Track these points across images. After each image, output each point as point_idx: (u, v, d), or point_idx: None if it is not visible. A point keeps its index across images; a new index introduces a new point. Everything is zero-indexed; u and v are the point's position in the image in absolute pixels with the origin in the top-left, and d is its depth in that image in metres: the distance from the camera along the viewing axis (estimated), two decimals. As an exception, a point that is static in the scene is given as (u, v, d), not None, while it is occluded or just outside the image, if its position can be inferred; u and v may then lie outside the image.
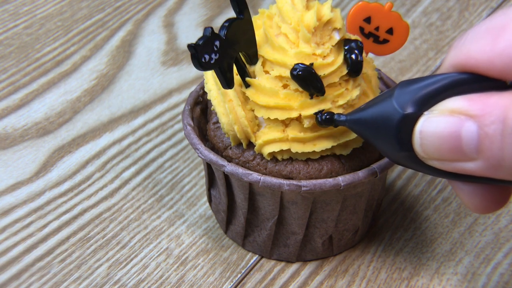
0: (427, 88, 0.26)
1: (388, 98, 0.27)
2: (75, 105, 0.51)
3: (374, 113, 0.28)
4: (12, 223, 0.42)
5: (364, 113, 0.29)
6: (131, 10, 0.62)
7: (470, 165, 0.25)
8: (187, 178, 0.45)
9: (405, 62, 0.56)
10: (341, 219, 0.38)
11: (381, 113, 0.27)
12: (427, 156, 0.26)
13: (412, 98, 0.26)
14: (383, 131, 0.27)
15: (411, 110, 0.26)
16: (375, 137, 0.28)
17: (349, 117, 0.31)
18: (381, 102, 0.27)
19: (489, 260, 0.40)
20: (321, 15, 0.33)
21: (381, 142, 0.28)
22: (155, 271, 0.39)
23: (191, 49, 0.29)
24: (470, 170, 0.25)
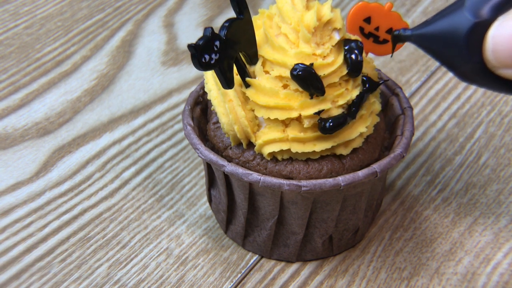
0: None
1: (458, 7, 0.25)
2: (75, 105, 0.51)
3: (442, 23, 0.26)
4: (12, 223, 0.42)
5: (432, 25, 0.27)
6: (131, 10, 0.62)
7: None
8: (187, 178, 0.46)
9: (405, 62, 0.56)
10: (341, 219, 0.38)
11: (450, 22, 0.26)
12: (499, 64, 0.24)
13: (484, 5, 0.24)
14: (452, 42, 0.26)
15: (484, 16, 0.24)
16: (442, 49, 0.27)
17: (415, 31, 0.29)
18: (451, 11, 0.26)
19: (489, 260, 0.40)
20: (321, 15, 0.34)
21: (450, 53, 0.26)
22: (155, 271, 0.39)
23: (191, 49, 0.29)
24: None
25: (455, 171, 0.46)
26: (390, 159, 0.35)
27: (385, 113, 0.41)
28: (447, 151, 0.47)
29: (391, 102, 0.40)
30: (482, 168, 0.46)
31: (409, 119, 0.38)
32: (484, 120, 0.50)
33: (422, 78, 0.54)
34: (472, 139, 0.48)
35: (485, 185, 0.44)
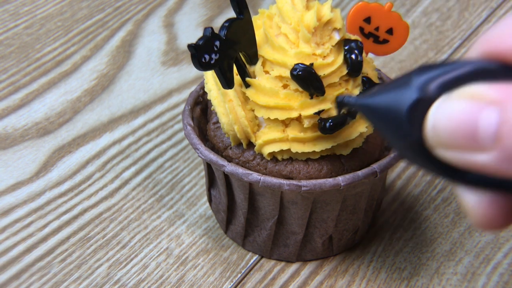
0: (449, 74, 0.24)
1: (405, 80, 0.25)
2: (75, 105, 0.51)
3: (387, 95, 0.26)
4: (12, 223, 0.42)
5: (377, 96, 0.27)
6: (131, 10, 0.62)
7: (483, 157, 0.23)
8: (187, 178, 0.46)
9: (405, 62, 0.56)
10: (341, 219, 0.38)
11: (395, 95, 0.25)
12: (437, 142, 0.24)
13: (431, 82, 0.24)
14: (394, 115, 0.25)
15: (429, 93, 0.24)
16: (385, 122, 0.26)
17: (359, 100, 0.28)
18: (397, 84, 0.26)
19: (489, 260, 0.40)
20: (321, 15, 0.34)
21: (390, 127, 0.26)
22: (155, 271, 0.39)
23: (191, 49, 0.29)
24: (481, 163, 0.23)
25: (455, 171, 0.45)
26: (390, 159, 0.35)
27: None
28: (447, 151, 0.47)
29: (391, 102, 0.40)
30: (482, 168, 0.46)
31: (409, 119, 0.38)
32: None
33: (422, 78, 0.54)
34: (472, 139, 0.48)
35: (485, 185, 0.44)
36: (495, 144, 0.22)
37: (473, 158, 0.23)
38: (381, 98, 0.26)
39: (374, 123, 0.28)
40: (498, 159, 0.22)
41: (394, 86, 0.26)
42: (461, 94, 0.24)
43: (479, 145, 0.23)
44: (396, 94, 0.25)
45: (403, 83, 0.25)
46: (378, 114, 0.27)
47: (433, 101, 0.24)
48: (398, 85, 0.26)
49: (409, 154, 0.26)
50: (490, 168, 0.23)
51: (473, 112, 0.23)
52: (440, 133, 0.24)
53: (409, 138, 0.25)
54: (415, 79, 0.25)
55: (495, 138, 0.22)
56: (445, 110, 0.24)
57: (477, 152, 0.23)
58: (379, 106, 0.27)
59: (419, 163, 0.26)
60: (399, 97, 0.25)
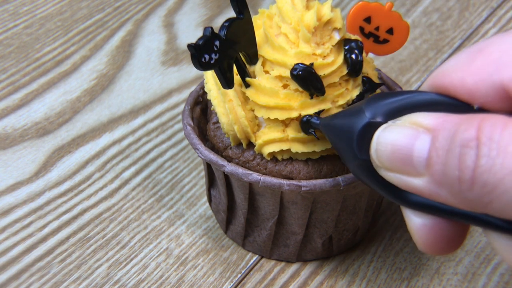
0: (398, 102, 0.26)
1: (359, 107, 0.28)
2: (75, 105, 0.51)
3: (343, 119, 0.29)
4: (12, 223, 0.42)
5: (335, 118, 0.30)
6: (131, 10, 0.62)
7: (417, 181, 0.24)
8: (187, 178, 0.45)
9: (405, 62, 0.56)
10: (341, 219, 0.38)
11: (349, 119, 0.28)
12: (380, 164, 0.26)
13: (381, 109, 0.26)
14: (348, 136, 0.28)
15: (378, 119, 0.26)
16: (340, 142, 0.29)
17: (322, 121, 0.32)
18: (353, 109, 0.28)
19: (489, 260, 0.40)
20: (321, 15, 0.33)
21: (344, 148, 0.28)
22: (155, 271, 0.39)
23: (191, 49, 0.29)
24: (416, 186, 0.24)
25: (455, 171, 0.45)
26: (390, 159, 0.35)
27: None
28: (447, 151, 0.47)
29: (391, 102, 0.40)
30: (482, 168, 0.46)
31: (409, 119, 0.38)
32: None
33: (422, 78, 0.54)
34: (472, 139, 0.48)
35: (485, 185, 0.44)
36: (426, 170, 0.24)
37: (410, 181, 0.25)
38: (339, 121, 0.29)
39: (333, 143, 0.30)
40: (430, 184, 0.24)
41: (351, 111, 0.28)
42: (403, 120, 0.25)
43: (414, 170, 0.24)
44: (350, 120, 0.28)
45: (357, 110, 0.28)
46: (336, 135, 0.30)
47: (379, 125, 0.26)
48: (354, 110, 0.28)
49: (359, 173, 0.28)
50: (424, 191, 0.24)
51: (410, 138, 0.24)
52: (381, 157, 0.26)
53: (358, 159, 0.27)
54: (366, 107, 0.27)
55: (426, 164, 0.24)
56: (386, 135, 0.25)
57: (413, 176, 0.24)
58: (337, 128, 0.29)
59: (368, 182, 0.28)
60: (353, 121, 0.28)
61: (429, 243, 0.26)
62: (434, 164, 0.23)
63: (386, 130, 0.25)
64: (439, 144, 0.23)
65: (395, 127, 0.25)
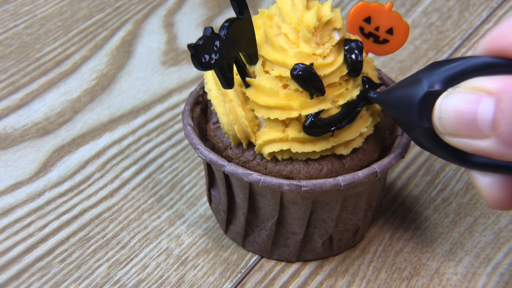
0: (455, 69, 0.27)
1: (416, 77, 0.28)
2: (75, 105, 0.51)
3: (402, 91, 0.29)
4: (12, 223, 0.42)
5: (393, 91, 0.31)
6: (131, 10, 0.62)
7: (484, 143, 0.25)
8: (187, 178, 0.45)
9: (405, 62, 0.56)
10: (341, 219, 0.38)
11: (408, 90, 0.29)
12: (444, 131, 0.27)
13: (439, 77, 0.27)
14: (407, 107, 0.28)
15: (437, 87, 0.27)
16: (399, 113, 0.30)
17: (380, 95, 0.33)
18: (410, 80, 0.29)
19: (489, 260, 0.40)
20: (321, 15, 0.33)
21: (404, 118, 0.29)
22: (155, 271, 0.39)
23: (191, 49, 0.29)
24: (483, 148, 0.25)
25: (455, 171, 0.46)
26: (390, 159, 0.35)
27: (385, 113, 0.41)
28: (447, 151, 0.47)
29: (391, 102, 0.40)
30: (482, 168, 0.46)
31: (409, 119, 0.38)
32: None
33: (422, 78, 0.54)
34: (472, 139, 0.48)
35: (485, 185, 0.44)
36: (492, 132, 0.24)
37: (475, 144, 0.25)
38: (397, 93, 0.30)
39: (392, 115, 0.31)
40: (497, 145, 0.24)
41: (408, 82, 0.29)
42: (463, 87, 0.26)
43: (479, 133, 0.25)
44: (408, 91, 0.29)
45: (415, 80, 0.28)
46: (395, 107, 0.30)
47: (439, 94, 0.27)
48: (411, 81, 0.29)
49: (422, 141, 0.29)
50: (491, 152, 0.25)
51: (472, 102, 0.25)
52: (445, 124, 0.26)
53: (421, 128, 0.28)
54: (424, 75, 0.28)
55: (492, 126, 0.24)
56: (448, 103, 0.26)
57: (478, 139, 0.25)
58: (396, 100, 0.30)
59: (431, 149, 0.29)
60: (411, 92, 0.28)
61: (499, 200, 0.27)
62: (500, 125, 0.24)
63: (447, 98, 0.26)
64: (504, 105, 0.24)
65: (456, 94, 0.26)
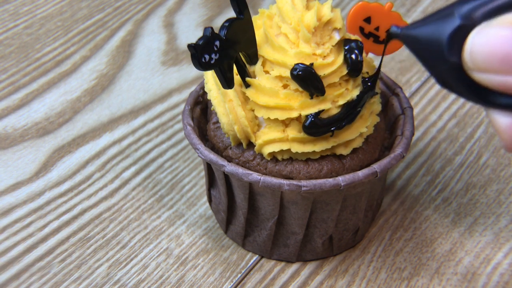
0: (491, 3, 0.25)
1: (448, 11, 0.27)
2: (75, 105, 0.51)
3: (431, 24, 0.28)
4: (12, 223, 0.42)
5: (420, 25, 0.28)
6: (131, 10, 0.62)
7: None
8: (187, 178, 0.45)
9: (405, 62, 0.56)
10: (341, 219, 0.38)
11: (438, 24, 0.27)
12: (474, 66, 0.25)
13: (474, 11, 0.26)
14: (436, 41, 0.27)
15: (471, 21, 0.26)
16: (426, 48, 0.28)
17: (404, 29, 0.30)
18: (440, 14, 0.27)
19: (489, 260, 0.40)
20: (321, 15, 0.33)
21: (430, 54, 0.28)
22: (155, 271, 0.39)
23: (191, 49, 0.29)
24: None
25: (455, 171, 0.46)
26: (390, 159, 0.35)
27: (385, 113, 0.41)
28: (447, 151, 0.47)
29: (391, 102, 0.40)
30: (482, 168, 0.46)
31: (409, 119, 0.38)
32: (484, 120, 0.50)
33: (422, 78, 0.54)
34: (472, 139, 0.48)
35: (485, 185, 0.44)
36: None
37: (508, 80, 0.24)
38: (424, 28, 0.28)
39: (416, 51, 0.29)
40: None
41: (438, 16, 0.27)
42: (499, 21, 0.25)
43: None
44: (439, 23, 0.27)
45: (446, 14, 0.27)
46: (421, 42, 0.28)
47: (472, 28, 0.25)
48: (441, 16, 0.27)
49: (447, 78, 0.27)
50: None
51: (508, 36, 0.24)
52: (477, 58, 0.25)
53: (449, 63, 0.26)
54: (457, 9, 0.26)
55: None
56: (483, 35, 0.25)
57: None
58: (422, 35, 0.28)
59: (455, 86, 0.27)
60: (441, 26, 0.27)
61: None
62: None
63: (481, 32, 0.25)
64: None
65: (492, 27, 0.25)
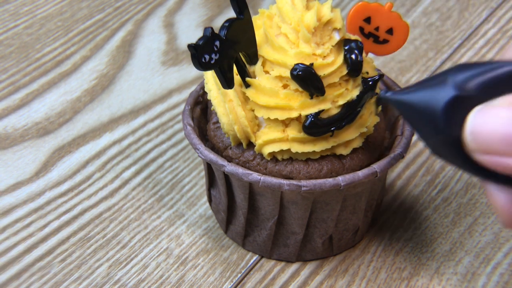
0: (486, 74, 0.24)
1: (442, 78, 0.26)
2: (75, 105, 0.51)
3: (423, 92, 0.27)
4: (12, 223, 0.42)
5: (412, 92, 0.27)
6: (131, 10, 0.62)
7: None
8: (187, 178, 0.46)
9: (405, 62, 0.56)
10: (341, 219, 0.38)
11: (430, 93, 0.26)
12: (477, 147, 0.24)
13: (468, 82, 0.25)
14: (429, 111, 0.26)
15: (465, 92, 0.25)
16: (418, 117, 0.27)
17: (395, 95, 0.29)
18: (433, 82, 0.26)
19: (489, 260, 0.40)
20: (321, 15, 0.34)
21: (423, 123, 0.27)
22: (155, 271, 0.39)
23: (191, 49, 0.29)
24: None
25: (455, 171, 0.46)
26: (390, 159, 0.35)
27: (385, 113, 0.41)
28: (447, 151, 0.47)
29: (391, 102, 0.40)
30: (482, 168, 0.46)
31: (409, 119, 0.38)
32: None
33: (422, 78, 0.54)
34: (472, 139, 0.48)
35: (485, 185, 0.44)
36: None
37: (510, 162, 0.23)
38: (417, 95, 0.27)
39: (408, 119, 0.28)
40: None
41: (430, 84, 0.26)
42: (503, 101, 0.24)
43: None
44: (433, 91, 0.26)
45: (440, 81, 0.26)
46: (414, 110, 0.27)
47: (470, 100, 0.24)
48: (434, 83, 0.26)
49: (441, 149, 0.26)
50: None
51: None
52: (480, 139, 0.24)
53: (443, 135, 0.25)
54: (451, 77, 0.25)
55: None
56: (484, 117, 0.24)
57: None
58: (415, 102, 0.27)
59: (450, 158, 0.26)
60: (435, 94, 0.25)
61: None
62: None
63: (483, 112, 0.24)
64: None
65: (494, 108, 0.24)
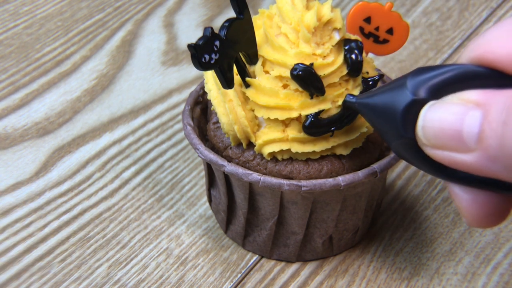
0: (441, 76, 0.26)
1: (401, 82, 0.27)
2: (75, 105, 0.51)
3: (384, 96, 0.28)
4: (12, 223, 0.42)
5: (374, 95, 0.29)
6: (131, 10, 0.62)
7: (467, 157, 0.24)
8: (187, 178, 0.45)
9: (405, 62, 0.56)
10: (341, 219, 0.38)
11: (391, 96, 0.27)
12: (427, 142, 0.25)
13: (425, 85, 0.26)
14: (390, 114, 0.27)
15: (422, 95, 0.26)
16: (381, 120, 0.28)
17: (360, 99, 0.31)
18: (393, 86, 0.27)
19: (489, 260, 0.40)
20: (321, 15, 0.34)
21: (385, 126, 0.28)
22: (155, 271, 0.39)
23: (191, 49, 0.29)
24: (466, 163, 0.24)
25: (455, 171, 0.45)
26: (390, 159, 0.35)
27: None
28: (447, 151, 0.47)
29: (391, 102, 0.40)
30: (482, 168, 0.46)
31: (409, 119, 0.38)
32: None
33: (422, 78, 0.54)
34: (472, 139, 0.48)
35: (485, 185, 0.44)
36: (478, 145, 0.23)
37: (459, 158, 0.24)
38: (379, 98, 0.28)
39: (372, 122, 0.30)
40: (481, 159, 0.24)
41: (392, 87, 0.27)
42: (452, 98, 0.25)
43: (464, 146, 0.24)
44: (393, 95, 0.27)
45: (400, 85, 0.27)
46: (376, 113, 0.29)
47: (424, 103, 0.26)
48: (395, 86, 0.27)
49: (402, 152, 0.28)
50: (475, 167, 0.24)
51: (459, 114, 0.24)
52: (429, 134, 0.25)
53: (403, 138, 0.27)
54: (410, 82, 0.26)
55: (478, 139, 0.23)
56: (433, 113, 0.25)
57: (463, 152, 0.24)
58: (377, 106, 0.28)
59: (412, 160, 0.28)
60: (395, 98, 0.27)
61: (478, 217, 0.26)
62: (487, 138, 0.23)
63: (433, 108, 0.25)
64: (492, 117, 0.23)
65: (443, 104, 0.25)
